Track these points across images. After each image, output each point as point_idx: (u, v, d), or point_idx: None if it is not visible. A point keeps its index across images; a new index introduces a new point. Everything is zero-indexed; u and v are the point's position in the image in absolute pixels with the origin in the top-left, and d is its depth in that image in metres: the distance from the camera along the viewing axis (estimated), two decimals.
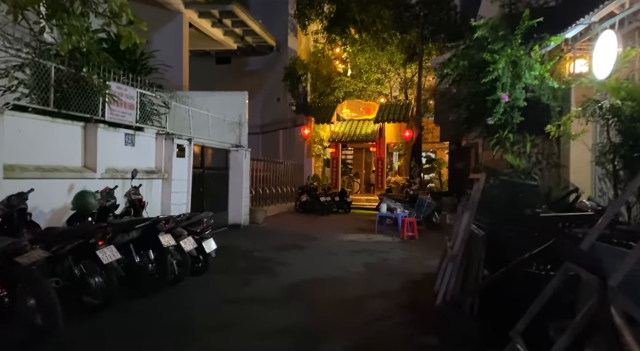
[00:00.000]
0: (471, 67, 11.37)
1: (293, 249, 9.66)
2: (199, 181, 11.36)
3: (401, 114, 21.04)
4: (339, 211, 18.31)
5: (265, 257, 8.72)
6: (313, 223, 14.85)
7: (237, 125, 13.45)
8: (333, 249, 9.84)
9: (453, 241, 6.14)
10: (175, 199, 9.63)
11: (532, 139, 11.18)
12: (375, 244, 10.72)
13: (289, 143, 22.79)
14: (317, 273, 7.36)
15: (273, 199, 17.97)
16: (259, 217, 13.74)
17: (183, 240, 6.16)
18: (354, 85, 22.74)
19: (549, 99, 10.55)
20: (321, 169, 22.23)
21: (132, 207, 6.92)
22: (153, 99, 9.42)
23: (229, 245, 9.95)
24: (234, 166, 13.04)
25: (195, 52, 24.55)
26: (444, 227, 14.15)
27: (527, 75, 10.21)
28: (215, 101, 13.01)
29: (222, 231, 12.15)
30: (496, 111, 10.56)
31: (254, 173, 16.24)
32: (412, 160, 20.18)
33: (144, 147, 9.10)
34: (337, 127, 22.19)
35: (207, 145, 11.77)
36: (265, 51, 24.71)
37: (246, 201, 13.31)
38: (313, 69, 22.59)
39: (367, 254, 9.29)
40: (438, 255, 9.30)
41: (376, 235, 12.41)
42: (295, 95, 22.80)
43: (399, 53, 21.25)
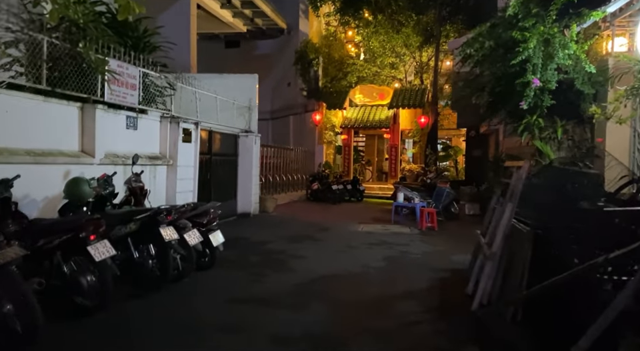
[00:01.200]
0: (497, 47, 10.56)
1: (307, 241, 9.05)
2: (207, 167, 10.76)
3: (416, 99, 20.21)
4: (351, 199, 17.68)
5: (277, 249, 8.12)
6: (325, 213, 14.24)
7: (247, 109, 12.79)
8: (349, 241, 9.22)
9: (489, 236, 5.48)
10: (181, 186, 9.04)
11: (563, 124, 10.42)
12: (393, 236, 10.08)
13: (299, 129, 22.12)
14: (335, 269, 6.74)
15: (283, 187, 17.37)
16: (269, 206, 13.15)
17: (188, 233, 5.56)
18: (367, 70, 21.90)
19: (583, 82, 9.73)
20: (332, 156, 21.55)
21: (132, 195, 6.33)
22: (157, 80, 8.78)
23: (239, 236, 9.37)
24: (243, 152, 12.41)
25: (203, 35, 23.85)
26: (463, 218, 13.49)
27: (561, 54, 9.38)
28: (224, 84, 12.34)
29: (231, 221, 11.59)
30: (526, 94, 9.76)
31: (264, 160, 15.62)
32: (427, 147, 19.41)
33: (147, 131, 8.48)
34: (349, 113, 21.43)
35: (214, 130, 11.14)
36: (275, 34, 23.93)
37: (255, 189, 12.71)
38: (325, 53, 21.79)
39: (386, 247, 8.66)
40: (463, 249, 8.69)
41: (392, 225, 11.76)
42: (305, 80, 22.05)
43: (415, 35, 20.33)
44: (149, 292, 5.16)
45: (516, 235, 4.90)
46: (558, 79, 9.87)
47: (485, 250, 5.24)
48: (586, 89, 9.58)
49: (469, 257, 7.73)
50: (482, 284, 4.95)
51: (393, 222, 12.15)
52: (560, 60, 9.31)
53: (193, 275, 5.90)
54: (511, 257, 4.92)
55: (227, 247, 7.81)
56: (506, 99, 10.96)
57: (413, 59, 22.04)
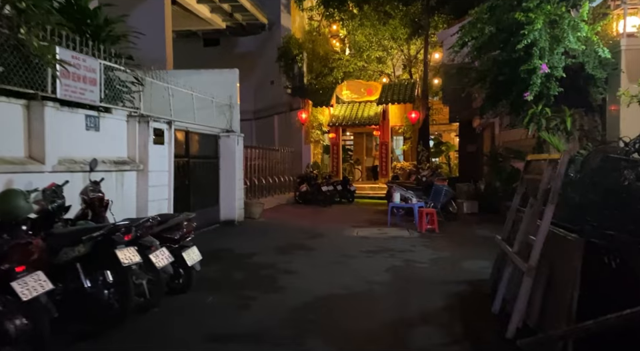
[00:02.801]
0: (498, 31, 9.71)
1: (298, 251, 8.07)
2: (184, 171, 9.72)
3: (406, 94, 19.37)
4: (342, 201, 16.74)
5: (265, 263, 7.13)
6: (315, 216, 13.28)
7: (227, 107, 11.76)
8: (345, 248, 8.27)
9: (518, 245, 4.57)
10: (154, 194, 7.99)
11: (571, 113, 9.62)
12: (392, 241, 9.16)
13: (285, 128, 21.10)
14: (332, 286, 5.77)
15: (270, 190, 16.35)
16: (255, 211, 12.14)
17: (154, 253, 4.55)
18: (353, 65, 20.99)
19: (594, 66, 8.94)
20: (320, 156, 20.59)
21: (89, 208, 5.28)
22: (122, 75, 7.72)
23: (221, 247, 8.36)
24: (225, 154, 11.38)
25: (180, 33, 22.67)
26: (463, 218, 12.65)
27: (571, 37, 8.56)
28: (202, 80, 11.32)
29: (213, 230, 10.56)
30: (533, 82, 8.91)
31: (248, 162, 14.59)
32: (419, 144, 18.57)
33: (112, 132, 7.42)
34: (336, 110, 20.51)
35: (192, 130, 10.10)
36: (256, 31, 22.85)
37: (240, 193, 11.69)
38: (309, 49, 20.80)
39: (387, 255, 7.73)
40: (472, 254, 7.81)
41: (389, 228, 10.86)
42: (290, 77, 21.06)
43: (402, 27, 19.50)
44: (106, 330, 4.14)
45: (557, 244, 4.00)
46: (565, 64, 9.08)
47: (516, 262, 4.33)
48: (598, 73, 8.79)
49: (481, 264, 6.87)
50: (518, 305, 4.04)
51: (390, 225, 11.25)
52: (571, 44, 8.50)
53: (163, 303, 4.89)
54: (551, 271, 4.02)
55: (208, 261, 6.82)
56: (509, 88, 10.13)
57: (400, 53, 21.22)
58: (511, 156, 12.63)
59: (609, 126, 9.13)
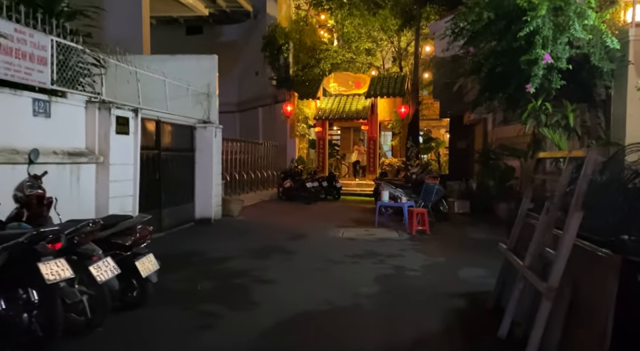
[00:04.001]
0: (497, 18, 9.00)
1: (277, 255, 7.30)
2: (154, 165, 8.86)
3: (396, 88, 18.65)
4: (327, 198, 15.99)
5: (238, 269, 6.34)
6: (299, 214, 12.52)
7: (205, 96, 10.89)
8: (329, 252, 7.52)
9: (530, 258, 3.85)
10: (116, 190, 7.13)
11: (574, 108, 8.98)
12: (380, 243, 8.45)
13: (269, 121, 20.26)
14: (314, 300, 5.02)
15: (251, 186, 15.53)
16: (233, 208, 11.32)
17: (96, 264, 3.74)
18: (341, 56, 20.19)
19: (601, 58, 8.29)
20: (305, 151, 19.80)
21: (25, 207, 4.43)
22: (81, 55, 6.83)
23: (192, 250, 7.56)
24: (201, 147, 10.52)
25: (160, 19, 21.63)
26: (454, 218, 12.00)
27: (577, 25, 7.89)
28: (178, 67, 10.43)
29: (187, 229, 9.74)
30: (534, 73, 8.21)
31: (229, 155, 13.75)
32: (408, 139, 17.89)
33: (67, 120, 6.55)
34: (323, 103, 19.71)
35: (164, 120, 9.23)
36: (240, 19, 21.93)
37: (217, 189, 10.85)
38: (296, 39, 19.93)
39: (375, 260, 7.00)
40: (467, 260, 7.08)
41: (377, 229, 10.15)
42: (275, 68, 20.18)
43: (393, 18, 18.73)
44: None
45: (582, 260, 3.30)
46: (569, 55, 8.42)
47: (530, 279, 3.62)
48: (605, 65, 8.13)
49: (478, 273, 6.20)
50: (534, 334, 3.33)
51: (378, 225, 10.54)
52: (577, 32, 7.81)
53: (111, 321, 4.08)
54: (575, 292, 3.32)
55: (174, 267, 6.05)
56: (507, 80, 9.44)
57: (390, 45, 20.47)
58: (505, 154, 12.00)
59: (614, 123, 8.49)
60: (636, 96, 7.98)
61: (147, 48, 14.82)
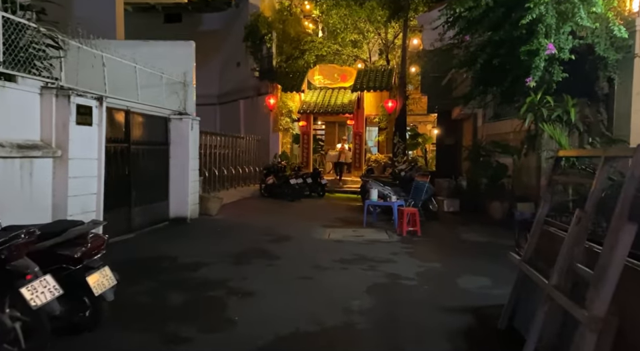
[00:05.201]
0: (496, 5, 8.44)
1: (258, 261, 6.61)
2: (123, 160, 8.07)
3: (383, 81, 18.06)
4: (311, 195, 15.33)
5: (214, 278, 5.64)
6: (282, 213, 11.83)
7: (181, 85, 10.09)
8: (315, 257, 6.87)
9: (557, 274, 3.25)
10: (76, 188, 6.34)
11: (575, 103, 8.48)
12: (370, 246, 7.83)
13: (251, 115, 19.49)
14: (299, 317, 4.35)
15: (232, 182, 14.80)
16: (211, 207, 10.57)
17: (30, 285, 3.00)
18: (327, 48, 19.48)
19: (606, 48, 7.79)
20: (289, 146, 19.09)
21: None
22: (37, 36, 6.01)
23: (164, 254, 6.82)
24: (177, 140, 9.74)
25: (137, 6, 20.61)
26: (444, 217, 11.47)
27: (582, 12, 7.36)
28: (152, 53, 9.65)
29: (159, 230, 8.97)
30: (535, 65, 7.69)
31: (208, 150, 12.99)
32: (395, 135, 17.32)
33: (17, 108, 5.72)
34: (307, 97, 19.01)
35: (134, 110, 8.43)
36: (221, 6, 21.07)
37: (194, 186, 10.09)
38: (279, 29, 19.15)
39: (366, 267, 6.37)
40: (465, 265, 6.42)
41: (365, 229, 9.54)
42: (257, 59, 19.41)
43: (380, 8, 18.10)
44: None
45: (632, 282, 2.71)
46: (572, 45, 7.91)
47: (562, 303, 3.02)
48: (611, 55, 7.65)
49: (480, 282, 5.64)
50: None
51: (366, 225, 9.93)
52: (582, 20, 7.29)
53: (55, 347, 3.36)
54: (622, 319, 2.73)
55: (141, 275, 5.35)
56: (504, 73, 8.91)
57: (377, 37, 19.83)
58: (497, 151, 11.50)
59: (618, 119, 8.04)
60: None
61: (120, 33, 13.93)
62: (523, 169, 11.30)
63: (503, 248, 7.68)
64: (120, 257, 6.49)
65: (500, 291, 5.17)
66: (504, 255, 7.17)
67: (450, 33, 9.85)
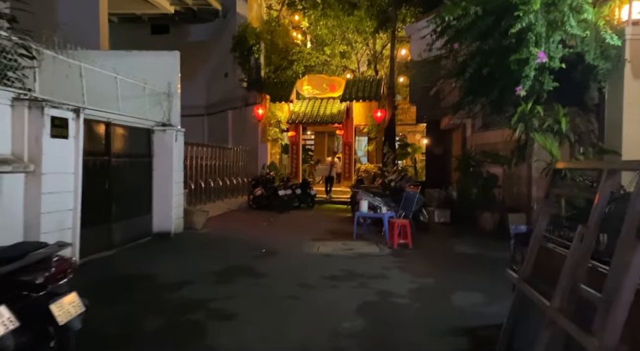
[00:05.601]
0: (484, 14, 8.34)
1: (243, 279, 6.31)
2: (103, 174, 7.76)
3: (371, 91, 17.95)
4: (301, 206, 15.07)
5: (195, 299, 5.34)
6: (270, 225, 11.54)
7: (165, 96, 9.82)
8: (303, 273, 6.60)
9: (561, 295, 3.03)
10: (51, 204, 6.02)
11: (566, 112, 8.36)
12: (360, 261, 7.58)
13: (239, 125, 19.27)
14: (285, 345, 4.07)
15: (219, 194, 14.50)
16: (196, 220, 10.25)
17: None
18: (315, 58, 19.36)
19: (596, 56, 7.70)
20: (278, 156, 18.85)
21: None
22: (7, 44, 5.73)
23: (144, 272, 6.51)
24: (160, 152, 9.44)
25: (123, 17, 20.39)
26: (434, 228, 11.28)
27: (572, 21, 7.27)
28: (136, 64, 9.43)
29: (142, 245, 8.64)
30: (525, 74, 7.55)
31: (193, 161, 12.72)
32: (385, 144, 17.16)
33: None
34: (296, 107, 18.82)
35: (115, 122, 8.13)
36: (209, 18, 20.90)
37: (178, 199, 9.77)
38: (267, 40, 19.01)
39: (356, 283, 6.11)
40: (459, 282, 6.05)
41: (355, 242, 9.29)
42: (245, 70, 19.23)
43: (368, 19, 18.05)
44: None
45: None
46: (562, 54, 7.81)
47: (568, 329, 2.79)
48: (601, 63, 7.55)
49: (474, 299, 5.41)
50: None
51: (356, 237, 9.68)
52: (572, 28, 7.19)
53: None
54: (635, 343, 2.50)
55: (118, 296, 5.05)
56: (493, 82, 8.80)
57: (366, 47, 19.77)
58: (487, 161, 11.36)
59: (609, 129, 7.92)
60: (634, 99, 7.42)
61: (104, 44, 13.65)
62: (513, 179, 11.17)
63: (495, 261, 7.49)
64: (97, 277, 6.19)
65: (495, 309, 4.95)
66: (497, 269, 6.96)
67: (438, 43, 9.73)
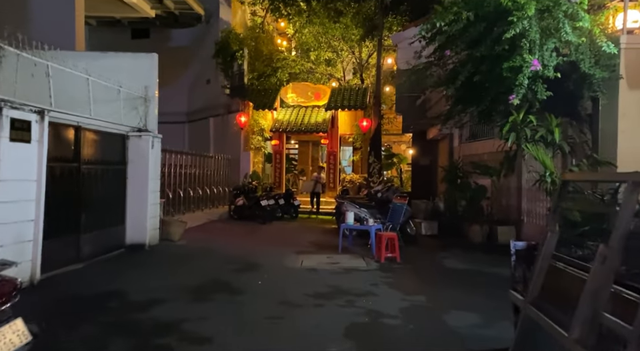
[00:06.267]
0: (477, 19, 8.09)
1: (220, 296, 5.83)
2: (72, 181, 7.22)
3: (357, 100, 17.66)
4: (284, 217, 14.63)
5: (166, 319, 4.84)
6: (251, 237, 11.05)
7: (142, 100, 9.32)
8: (286, 290, 6.14)
9: (581, 325, 2.66)
10: (8, 214, 5.48)
11: (559, 122, 8.13)
12: (347, 276, 7.16)
13: (221, 133, 18.76)
14: None
15: (199, 204, 13.94)
16: (173, 231, 9.70)
17: None
18: (300, 66, 19.03)
19: (591, 65, 7.50)
20: (261, 166, 18.37)
21: None
22: None
23: (112, 289, 5.97)
24: (135, 159, 8.92)
25: (102, 20, 19.78)
26: (422, 240, 10.93)
27: (567, 27, 7.05)
28: (111, 66, 8.90)
29: (114, 258, 8.08)
30: (518, 82, 7.31)
31: (174, 169, 12.19)
32: (370, 154, 16.85)
33: None
34: (280, 115, 18.42)
35: (87, 127, 7.61)
36: (191, 22, 20.39)
37: (154, 209, 9.23)
38: (251, 46, 18.63)
39: (343, 302, 5.68)
40: (453, 300, 5.58)
41: (341, 255, 8.88)
42: (228, 76, 18.78)
43: (354, 27, 17.83)
44: None
45: None
46: (556, 62, 7.59)
47: None
48: (597, 73, 7.34)
49: (470, 320, 5.04)
50: None
51: (341, 250, 9.26)
52: (567, 35, 6.97)
53: None
54: None
55: (80, 318, 4.54)
56: (486, 90, 8.54)
57: (352, 55, 19.53)
58: (476, 172, 11.10)
59: (603, 139, 7.70)
60: (629, 109, 7.22)
61: (80, 45, 13.08)
62: (502, 191, 10.93)
63: (488, 277, 7.16)
64: (59, 295, 5.65)
65: (494, 331, 4.59)
66: (490, 286, 6.64)
67: (426, 51, 9.46)
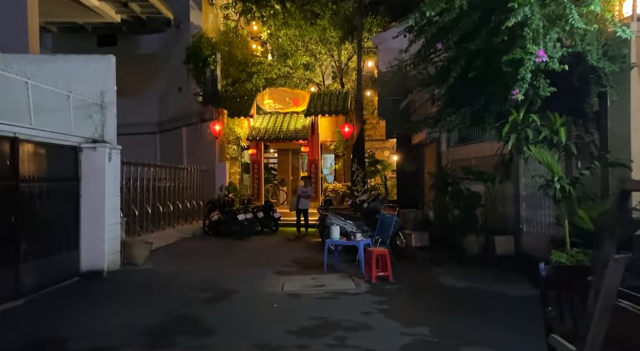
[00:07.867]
0: (471, 8, 7.29)
1: (184, 340, 4.78)
2: (6, 202, 6.10)
3: (338, 105, 16.81)
4: (263, 231, 13.62)
5: None
6: (227, 256, 10.01)
7: (97, 107, 8.24)
8: (264, 327, 5.14)
9: None
10: None
11: (563, 122, 7.36)
12: (335, 302, 6.21)
13: (195, 143, 17.67)
14: None
15: (169, 221, 12.83)
16: (137, 254, 8.58)
17: None
18: (277, 70, 18.12)
19: (599, 57, 6.75)
20: (238, 176, 17.31)
21: None
22: None
23: (47, 336, 4.88)
24: (90, 174, 7.81)
25: (63, 26, 18.53)
26: (413, 253, 10.06)
27: (575, 14, 6.29)
28: (61, 70, 7.88)
29: (64, 290, 6.95)
30: (521, 76, 6.51)
31: (138, 183, 11.07)
32: (353, 162, 15.97)
33: None
34: (257, 122, 17.44)
35: (25, 138, 6.50)
36: (160, 27, 19.32)
37: (113, 230, 8.12)
38: (224, 51, 17.65)
39: (332, 339, 4.71)
40: (461, 330, 4.62)
41: (327, 275, 7.94)
42: (201, 83, 17.74)
43: (333, 29, 17.02)
44: None
45: None
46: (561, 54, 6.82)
47: None
48: (606, 66, 6.58)
49: None
50: None
51: (327, 269, 8.30)
52: (576, 22, 6.20)
53: None
54: None
55: None
56: (481, 88, 7.74)
57: (331, 59, 18.71)
58: (468, 178, 10.28)
59: (613, 139, 6.92)
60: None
61: (34, 48, 11.90)
62: (497, 198, 10.13)
63: (494, 298, 6.29)
64: None
65: None
66: (499, 310, 5.76)
67: (412, 48, 8.62)
